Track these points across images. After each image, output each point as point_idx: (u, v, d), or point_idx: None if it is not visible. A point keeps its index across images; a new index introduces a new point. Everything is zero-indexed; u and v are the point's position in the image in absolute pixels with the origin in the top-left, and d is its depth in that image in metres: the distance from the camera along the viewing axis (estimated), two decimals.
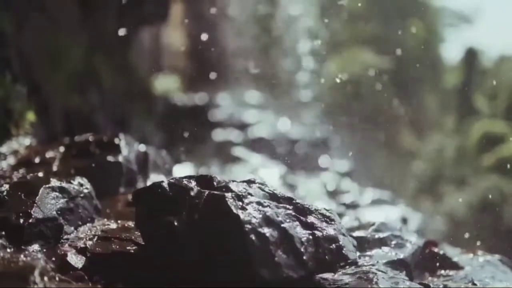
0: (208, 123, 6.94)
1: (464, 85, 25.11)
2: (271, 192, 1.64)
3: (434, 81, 25.83)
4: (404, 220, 3.87)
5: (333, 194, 4.08)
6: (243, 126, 7.16)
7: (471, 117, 23.88)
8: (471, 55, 25.44)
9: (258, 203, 1.54)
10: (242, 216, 1.44)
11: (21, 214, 1.65)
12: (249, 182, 1.70)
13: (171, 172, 3.00)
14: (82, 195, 1.88)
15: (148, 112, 6.39)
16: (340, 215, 2.59)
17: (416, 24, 24.45)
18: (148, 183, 2.65)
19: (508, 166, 20.35)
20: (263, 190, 1.67)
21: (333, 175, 6.97)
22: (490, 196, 19.02)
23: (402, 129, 22.86)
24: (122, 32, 7.15)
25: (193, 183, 1.62)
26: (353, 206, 4.01)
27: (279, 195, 1.64)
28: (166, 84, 9.06)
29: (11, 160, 2.59)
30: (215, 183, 1.63)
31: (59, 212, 1.74)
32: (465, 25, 28.51)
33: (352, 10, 23.34)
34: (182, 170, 3.33)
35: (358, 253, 1.70)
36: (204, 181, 1.67)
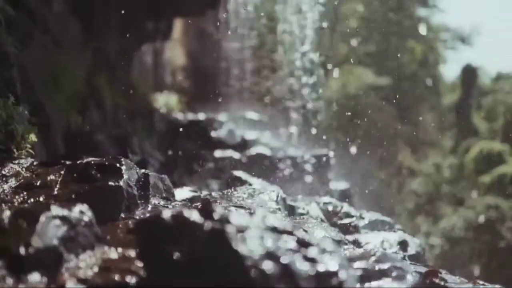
0: (209, 142, 6.96)
1: (461, 102, 25.22)
2: (272, 224, 1.65)
3: (433, 100, 25.96)
4: (403, 244, 3.85)
5: (331, 216, 4.07)
6: (243, 145, 7.19)
7: (469, 135, 23.94)
8: (468, 72, 25.58)
9: (259, 237, 1.55)
10: (242, 251, 1.44)
11: (21, 244, 1.65)
12: (251, 212, 1.71)
13: (172, 195, 3.00)
14: (83, 223, 1.88)
15: (149, 131, 6.41)
16: (339, 243, 2.59)
17: (415, 44, 24.66)
18: (149, 207, 2.66)
19: (506, 185, 20.37)
20: (264, 221, 1.67)
21: (331, 195, 6.97)
22: (488, 215, 19.00)
23: (401, 147, 22.89)
24: (124, 51, 7.22)
25: (194, 214, 1.62)
26: (351, 229, 4.01)
27: (280, 228, 1.64)
28: (167, 102, 9.11)
29: (12, 182, 2.60)
30: (215, 214, 1.63)
31: (59, 241, 1.74)
32: (464, 46, 28.74)
33: (352, 29, 23.56)
34: (183, 193, 3.33)
35: (359, 286, 1.70)
36: (205, 211, 1.68)
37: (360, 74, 20.97)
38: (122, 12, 7.08)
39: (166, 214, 1.63)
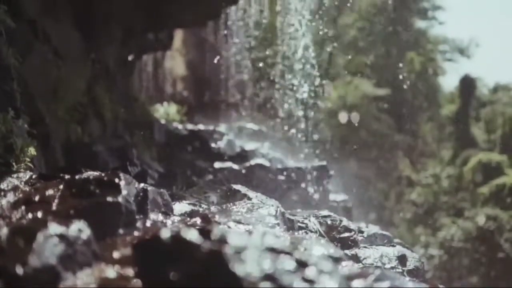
0: (208, 153, 6.96)
1: (460, 112, 25.27)
2: (270, 245, 1.65)
3: (432, 110, 26.01)
4: (402, 259, 3.85)
5: (330, 230, 4.06)
6: (242, 156, 7.19)
7: (467, 145, 23.96)
8: (467, 82, 25.65)
9: (257, 258, 1.55)
10: (239, 273, 1.44)
11: (19, 263, 1.64)
12: (249, 231, 1.71)
13: (170, 209, 3.00)
14: (80, 241, 1.88)
15: (149, 142, 6.42)
16: (338, 260, 2.58)
17: (414, 55, 24.76)
18: (148, 223, 2.66)
19: (505, 196, 20.37)
20: (262, 241, 1.67)
21: (331, 207, 6.96)
22: (487, 226, 18.98)
23: (400, 158, 22.90)
24: (124, 61, 7.24)
25: (192, 234, 1.63)
26: (350, 243, 4.00)
27: (278, 249, 1.64)
28: (167, 112, 9.12)
29: (11, 197, 2.60)
30: (213, 235, 1.63)
31: (57, 260, 1.74)
32: (463, 58, 28.86)
33: (351, 40, 23.66)
34: (182, 206, 3.33)
35: None
36: (204, 230, 1.68)
37: (359, 85, 21.02)
38: (123, 23, 7.12)
39: (165, 234, 1.63)
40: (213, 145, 7.01)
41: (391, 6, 24.44)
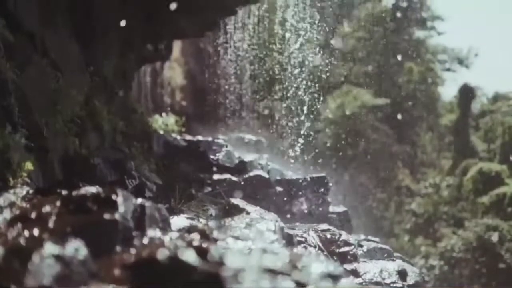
0: (207, 164, 6.94)
1: (459, 122, 25.29)
2: (268, 266, 1.63)
3: (431, 120, 26.03)
4: (402, 273, 3.82)
5: (330, 244, 4.04)
6: (241, 167, 7.16)
7: (467, 155, 23.95)
8: (466, 92, 25.69)
9: (255, 279, 1.52)
10: None
11: (14, 284, 1.62)
12: (248, 250, 1.69)
13: (168, 225, 2.98)
14: (76, 261, 1.86)
15: (147, 153, 6.40)
16: (337, 278, 2.56)
17: (413, 65, 24.82)
18: (145, 240, 2.63)
19: (505, 206, 20.33)
20: (260, 262, 1.65)
21: (330, 218, 6.93)
22: (487, 236, 18.91)
23: (399, 168, 22.88)
24: (123, 72, 7.23)
25: (189, 255, 1.61)
26: (350, 257, 3.97)
27: (276, 270, 1.62)
28: (165, 123, 9.11)
29: (7, 214, 2.58)
30: (210, 256, 1.62)
31: (52, 281, 1.72)
32: (462, 68, 28.94)
33: (350, 50, 23.73)
34: (180, 221, 3.31)
35: None
36: (201, 250, 1.66)
37: (358, 94, 21.05)
38: (122, 34, 7.13)
39: (161, 255, 1.61)
40: (211, 156, 6.99)
41: (390, 16, 24.55)
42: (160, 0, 7.01)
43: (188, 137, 8.12)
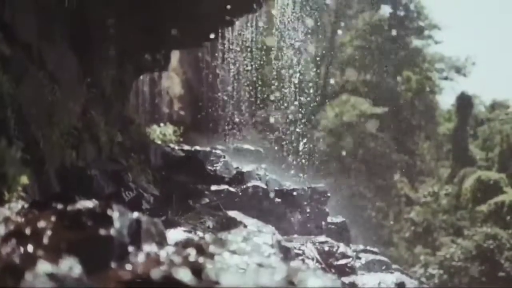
0: (205, 175, 6.91)
1: (457, 130, 25.32)
2: (264, 284, 1.61)
3: (429, 128, 26.07)
4: (401, 286, 3.79)
5: (328, 257, 4.02)
6: (239, 178, 7.13)
7: (465, 164, 23.95)
8: (463, 100, 25.75)
9: None
10: None
11: None
12: (245, 267, 1.67)
13: (164, 239, 2.95)
14: (70, 279, 1.83)
15: (144, 164, 6.38)
16: None
17: (411, 73, 24.90)
18: (141, 255, 2.61)
19: (504, 214, 20.31)
20: (257, 280, 1.63)
21: (328, 229, 6.90)
22: (486, 245, 18.88)
23: (398, 176, 22.88)
24: (120, 83, 7.23)
25: (184, 274, 1.59)
26: (348, 270, 3.95)
27: None
28: (163, 133, 9.10)
29: (2, 229, 2.55)
30: (205, 275, 1.60)
31: None
32: (460, 77, 29.03)
33: (348, 59, 23.81)
34: (177, 234, 3.28)
35: None
36: (196, 268, 1.65)
37: (356, 103, 21.09)
38: (119, 45, 7.14)
39: (156, 274, 1.59)
40: (209, 167, 6.97)
41: (387, 25, 24.65)
42: (158, 11, 7.02)
43: (186, 147, 8.10)
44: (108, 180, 5.14)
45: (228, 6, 7.32)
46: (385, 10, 25.64)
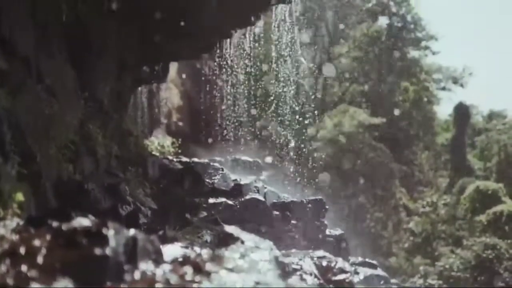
0: (202, 188, 6.89)
1: (455, 140, 25.35)
2: None
3: (428, 139, 26.10)
4: None
5: (326, 272, 3.99)
6: (237, 190, 7.10)
7: (464, 173, 23.95)
8: (461, 110, 25.80)
9: None
10: None
11: None
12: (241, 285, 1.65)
13: (161, 256, 2.92)
14: None
15: (142, 177, 6.35)
16: None
17: (408, 84, 24.98)
18: (137, 273, 2.58)
19: (503, 224, 20.28)
20: None
21: (326, 243, 6.87)
22: (485, 255, 18.82)
23: (396, 187, 22.85)
24: (118, 95, 7.22)
25: None
26: (346, 285, 3.92)
27: None
28: (161, 145, 9.08)
29: None
30: None
31: None
32: (457, 87, 29.12)
33: (345, 69, 23.89)
34: (174, 250, 3.25)
35: None
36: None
37: (354, 113, 21.11)
38: (118, 57, 7.14)
39: None
40: (207, 179, 6.95)
41: (384, 36, 24.77)
42: (156, 24, 7.03)
43: (184, 159, 8.07)
44: (105, 193, 5.11)
45: (227, 19, 7.35)
46: (382, 21, 25.76)
